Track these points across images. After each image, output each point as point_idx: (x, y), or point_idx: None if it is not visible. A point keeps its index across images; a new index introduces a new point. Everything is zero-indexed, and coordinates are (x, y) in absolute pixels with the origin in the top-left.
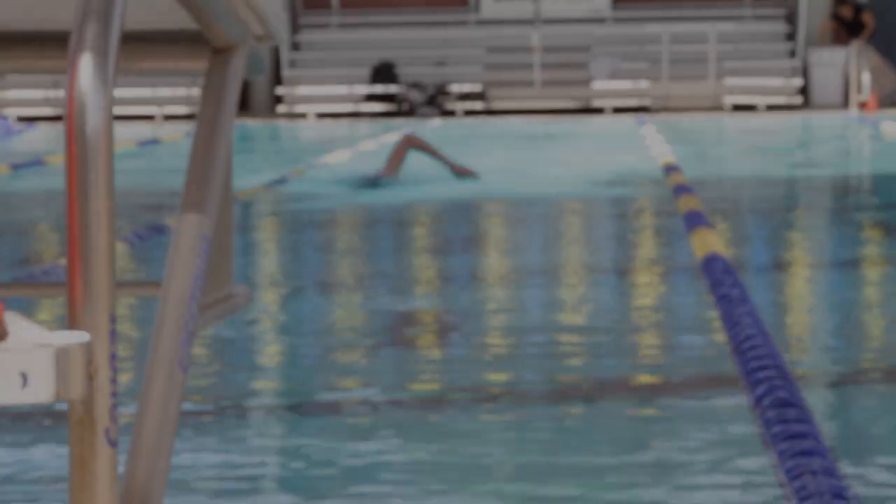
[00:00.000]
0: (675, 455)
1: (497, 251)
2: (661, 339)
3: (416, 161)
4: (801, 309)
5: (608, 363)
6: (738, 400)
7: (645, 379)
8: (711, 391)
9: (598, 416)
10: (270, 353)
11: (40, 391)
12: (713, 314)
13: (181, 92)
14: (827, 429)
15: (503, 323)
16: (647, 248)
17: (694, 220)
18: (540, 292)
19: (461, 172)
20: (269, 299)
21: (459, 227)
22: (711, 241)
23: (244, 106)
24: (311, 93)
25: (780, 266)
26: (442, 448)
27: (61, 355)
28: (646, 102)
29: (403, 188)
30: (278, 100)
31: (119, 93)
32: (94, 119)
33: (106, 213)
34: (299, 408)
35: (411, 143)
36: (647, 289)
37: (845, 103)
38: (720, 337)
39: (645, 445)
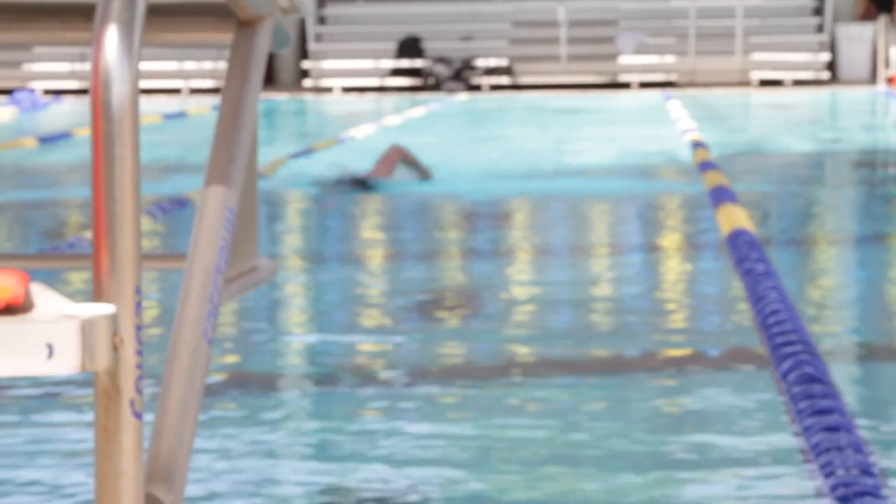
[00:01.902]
0: (701, 431)
1: (523, 226)
2: (687, 314)
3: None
4: (828, 284)
5: (633, 338)
6: (764, 375)
7: (670, 354)
8: (737, 366)
9: (623, 391)
10: (295, 325)
11: (65, 362)
12: (739, 289)
13: (207, 65)
14: (853, 404)
15: (529, 298)
16: (672, 223)
17: (720, 196)
18: (565, 267)
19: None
20: (293, 272)
21: (485, 203)
22: (737, 217)
23: (270, 80)
24: (337, 67)
25: (806, 241)
26: (469, 420)
27: (87, 327)
28: (672, 77)
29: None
30: (304, 74)
31: (145, 66)
32: (119, 92)
33: (131, 185)
34: (324, 380)
35: (401, 153)
36: (672, 264)
37: (873, 78)
38: (746, 312)
39: (669, 421)
